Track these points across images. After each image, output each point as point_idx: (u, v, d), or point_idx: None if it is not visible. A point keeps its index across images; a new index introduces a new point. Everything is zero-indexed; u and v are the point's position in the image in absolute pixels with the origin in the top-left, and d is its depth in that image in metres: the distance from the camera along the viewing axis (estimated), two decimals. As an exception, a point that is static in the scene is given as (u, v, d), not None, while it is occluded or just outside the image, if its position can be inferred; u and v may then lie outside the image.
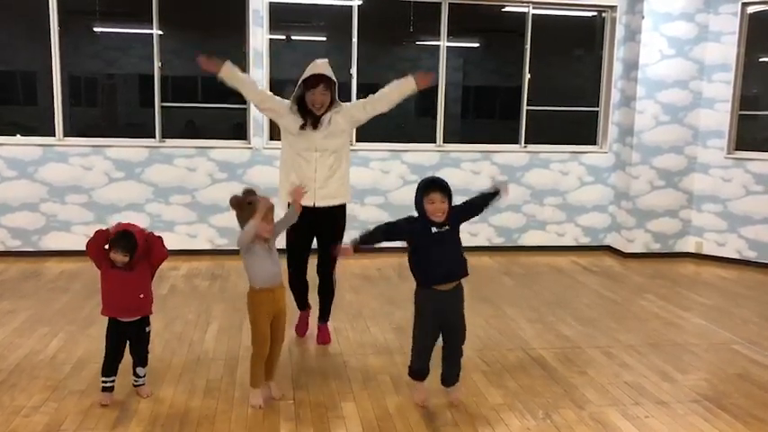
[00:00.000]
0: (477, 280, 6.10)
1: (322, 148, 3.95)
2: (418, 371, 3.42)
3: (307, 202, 3.85)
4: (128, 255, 3.25)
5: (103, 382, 3.35)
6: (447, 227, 3.27)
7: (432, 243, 3.25)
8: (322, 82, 3.86)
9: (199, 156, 6.71)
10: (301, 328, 4.41)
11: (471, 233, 7.20)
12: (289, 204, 3.61)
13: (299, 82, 3.92)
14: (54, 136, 6.53)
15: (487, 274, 6.34)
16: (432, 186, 3.26)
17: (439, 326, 3.33)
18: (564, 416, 3.38)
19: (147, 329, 3.42)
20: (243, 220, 3.29)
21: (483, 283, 5.97)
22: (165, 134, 6.73)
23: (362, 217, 6.83)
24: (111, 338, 3.35)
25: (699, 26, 6.87)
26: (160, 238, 3.41)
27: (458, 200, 3.42)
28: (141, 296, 3.35)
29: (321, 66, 3.90)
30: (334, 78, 3.94)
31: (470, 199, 3.47)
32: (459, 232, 3.35)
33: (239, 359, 3.97)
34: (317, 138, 3.93)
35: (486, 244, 7.26)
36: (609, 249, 7.45)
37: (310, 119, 3.93)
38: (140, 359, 3.44)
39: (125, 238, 3.27)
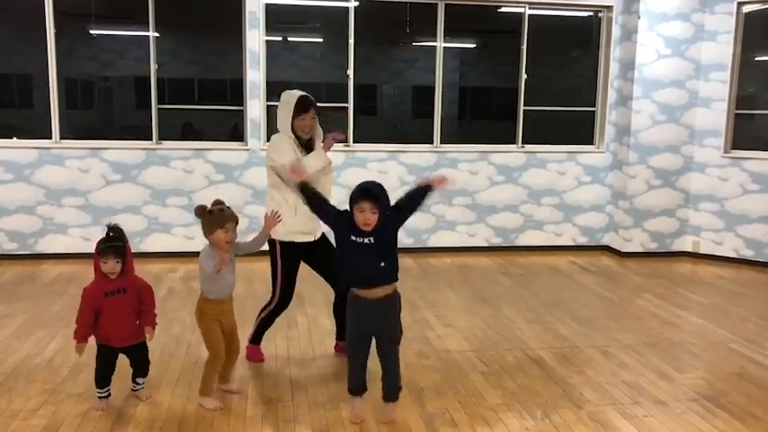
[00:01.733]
0: (475, 280, 6.11)
1: (316, 181, 3.94)
2: (354, 389, 3.29)
3: (308, 238, 3.92)
4: (120, 260, 3.21)
5: (99, 392, 3.34)
6: (370, 239, 3.05)
7: (347, 249, 3.12)
8: (312, 107, 3.87)
9: (195, 158, 6.70)
10: (257, 355, 4.10)
11: (469, 234, 7.21)
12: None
13: (292, 111, 3.84)
14: (50, 138, 6.52)
15: (485, 275, 6.34)
16: (362, 195, 3.02)
17: (368, 336, 3.19)
18: (562, 416, 3.38)
19: (143, 343, 3.41)
20: (205, 225, 3.33)
21: (481, 284, 5.98)
22: (162, 136, 6.73)
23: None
24: (103, 361, 3.32)
25: (695, 26, 6.88)
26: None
27: (457, 199, 3.36)
28: (137, 322, 3.35)
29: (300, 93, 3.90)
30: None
31: (401, 201, 3.20)
32: (389, 241, 3.13)
33: (237, 361, 3.95)
34: (320, 174, 3.89)
35: (484, 244, 7.26)
36: (606, 249, 7.45)
37: (306, 152, 3.88)
38: (140, 370, 3.44)
39: (112, 242, 3.22)
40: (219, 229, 3.29)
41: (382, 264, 3.12)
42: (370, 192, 3.03)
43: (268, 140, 6.70)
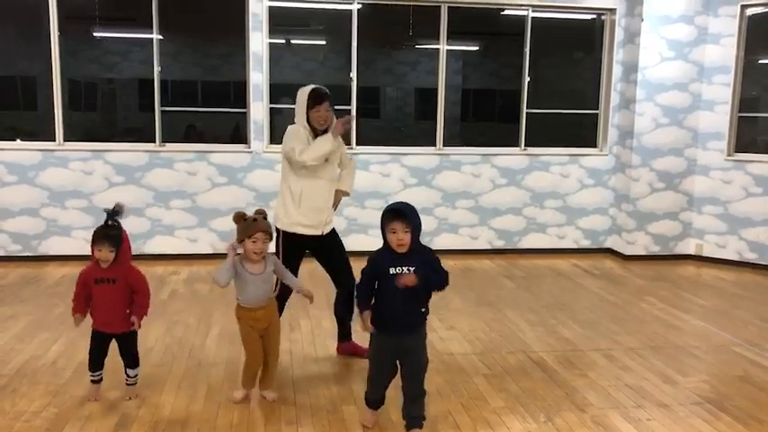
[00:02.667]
0: (478, 283, 6.11)
1: (331, 176, 3.99)
2: (372, 401, 3.25)
3: (316, 232, 3.94)
4: (113, 250, 3.24)
5: (91, 375, 3.44)
6: (409, 269, 2.97)
7: (387, 286, 2.99)
8: (326, 99, 3.88)
9: (199, 160, 6.71)
10: None
11: (472, 236, 7.21)
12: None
13: (305, 104, 3.87)
14: (54, 141, 6.54)
15: (488, 277, 6.34)
16: (391, 215, 2.97)
17: (395, 362, 3.13)
18: (565, 419, 3.37)
19: (133, 330, 3.41)
20: (237, 233, 3.33)
21: (483, 286, 5.97)
22: (165, 138, 6.74)
23: (363, 221, 6.84)
24: (94, 345, 3.41)
25: (698, 28, 6.88)
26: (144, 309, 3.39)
27: (459, 202, 3.33)
28: (127, 311, 3.35)
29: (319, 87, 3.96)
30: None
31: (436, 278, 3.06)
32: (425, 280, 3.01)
33: (240, 364, 3.96)
34: (330, 167, 3.96)
35: (487, 247, 7.26)
36: (609, 252, 7.45)
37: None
38: (129, 361, 3.46)
39: (109, 231, 3.25)
40: (247, 239, 3.28)
41: (423, 309, 3.07)
42: (398, 211, 2.97)
43: (271, 143, 6.76)
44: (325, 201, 3.97)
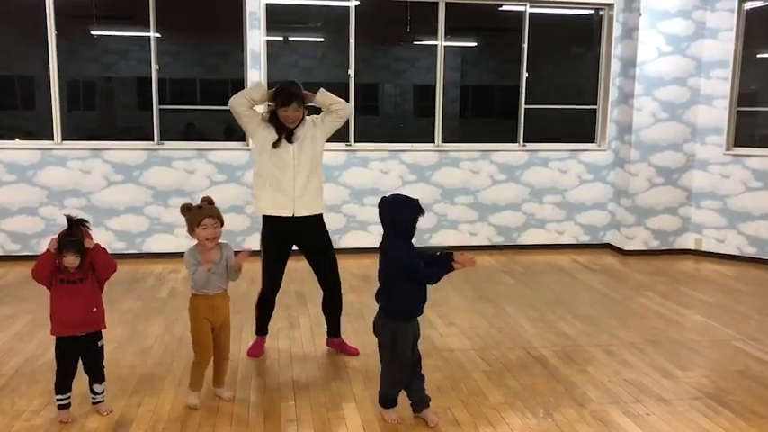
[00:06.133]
0: (477, 279, 6.11)
1: (298, 160, 3.94)
2: (395, 398, 3.29)
3: (286, 212, 3.92)
4: (79, 256, 3.09)
5: (58, 399, 3.21)
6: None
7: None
8: (295, 100, 3.86)
9: (197, 158, 6.71)
10: (255, 351, 4.16)
11: (471, 233, 7.21)
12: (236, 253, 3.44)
13: (273, 97, 3.93)
14: (52, 140, 6.54)
15: (487, 273, 6.34)
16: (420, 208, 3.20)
17: (416, 343, 3.28)
18: (565, 414, 3.38)
19: (100, 344, 3.25)
20: (187, 223, 3.31)
21: (483, 283, 5.97)
22: (165, 137, 6.74)
23: (362, 217, 6.83)
24: (62, 356, 3.18)
25: (696, 23, 6.88)
26: (104, 250, 3.23)
27: (460, 199, 3.36)
28: (94, 309, 3.19)
29: (293, 86, 3.95)
30: (304, 97, 3.92)
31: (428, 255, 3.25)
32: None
33: (239, 361, 3.97)
34: (292, 150, 3.93)
35: (486, 243, 7.26)
36: (609, 247, 7.45)
37: (285, 133, 3.91)
38: (95, 376, 3.28)
39: (73, 237, 3.11)
40: (197, 228, 3.27)
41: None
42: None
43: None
44: (291, 181, 3.91)
